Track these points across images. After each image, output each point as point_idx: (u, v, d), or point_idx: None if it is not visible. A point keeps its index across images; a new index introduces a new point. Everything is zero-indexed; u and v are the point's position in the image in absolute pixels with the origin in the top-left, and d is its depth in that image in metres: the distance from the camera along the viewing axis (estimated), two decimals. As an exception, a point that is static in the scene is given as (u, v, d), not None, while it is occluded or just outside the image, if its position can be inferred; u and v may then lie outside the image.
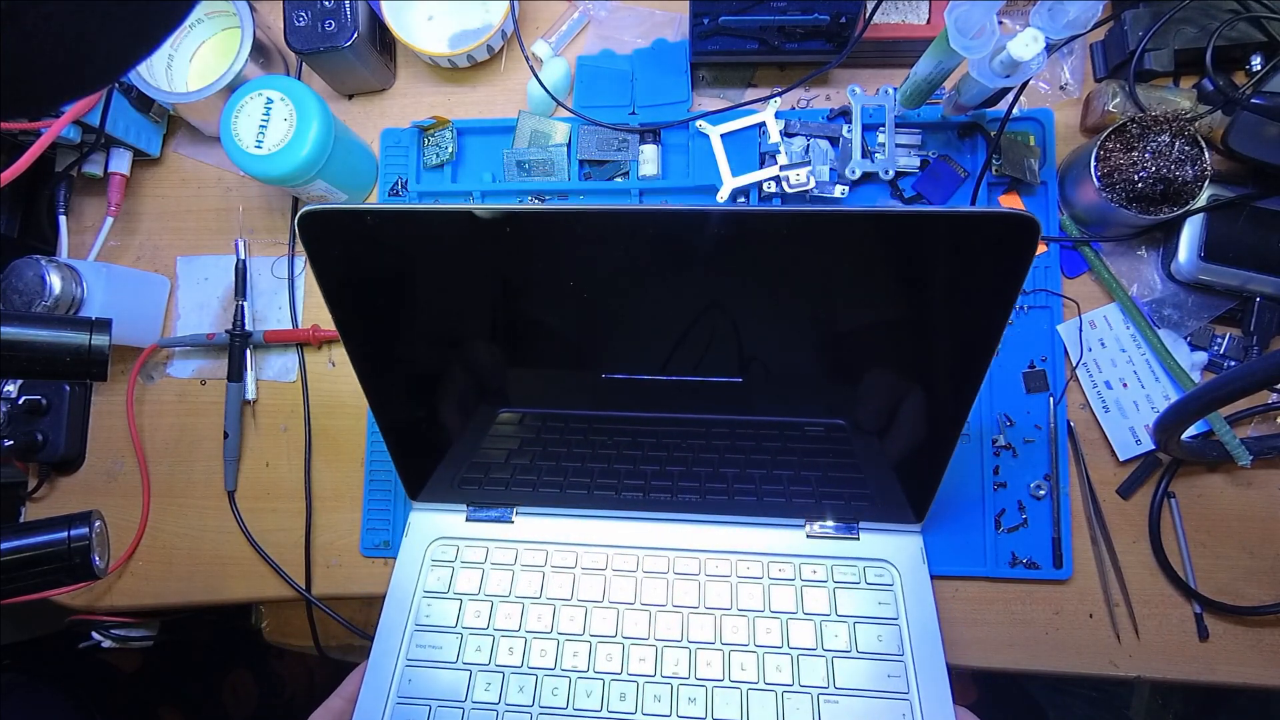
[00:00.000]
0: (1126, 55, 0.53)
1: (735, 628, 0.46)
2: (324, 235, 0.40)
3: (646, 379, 0.45)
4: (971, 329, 0.39)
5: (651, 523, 0.52)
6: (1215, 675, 0.51)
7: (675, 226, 0.37)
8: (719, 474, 0.50)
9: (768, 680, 0.44)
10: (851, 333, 0.42)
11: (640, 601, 0.48)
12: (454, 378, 0.47)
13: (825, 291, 0.40)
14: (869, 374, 0.43)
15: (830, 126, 0.57)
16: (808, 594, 0.48)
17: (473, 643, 0.47)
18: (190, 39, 0.60)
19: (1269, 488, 0.53)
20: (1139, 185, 0.49)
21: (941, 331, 0.41)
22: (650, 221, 0.37)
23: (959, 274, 0.38)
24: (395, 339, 0.45)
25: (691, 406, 0.47)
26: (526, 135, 0.59)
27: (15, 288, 0.52)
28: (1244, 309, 0.52)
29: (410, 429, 0.49)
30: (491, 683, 0.45)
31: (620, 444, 0.49)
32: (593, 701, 0.44)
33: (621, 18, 0.61)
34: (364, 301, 0.43)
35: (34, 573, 0.42)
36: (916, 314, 0.40)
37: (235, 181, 0.63)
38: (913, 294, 0.40)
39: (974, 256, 0.37)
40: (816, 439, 0.48)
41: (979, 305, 0.38)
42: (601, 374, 0.44)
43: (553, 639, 0.47)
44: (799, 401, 0.46)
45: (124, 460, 0.60)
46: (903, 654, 0.45)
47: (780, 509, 0.50)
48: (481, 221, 0.38)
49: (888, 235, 0.37)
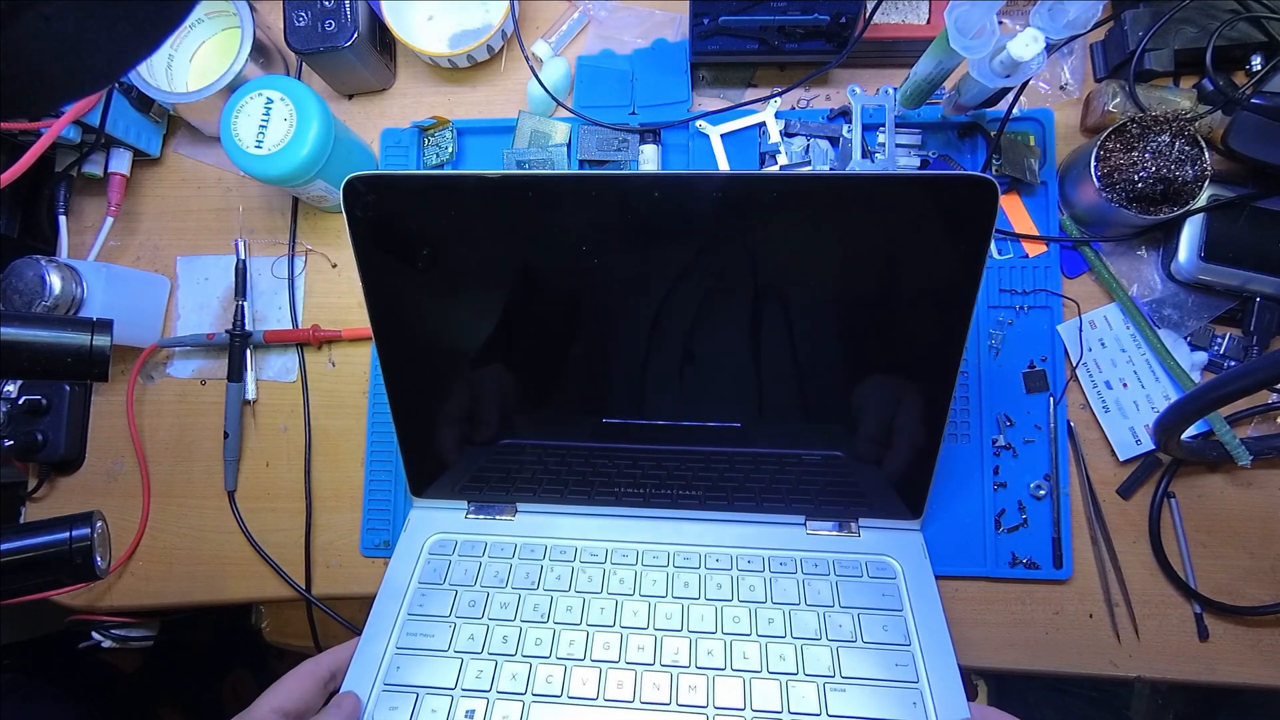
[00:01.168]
0: (1126, 55, 0.53)
1: (737, 617, 0.46)
2: (368, 201, 0.42)
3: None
4: (944, 298, 0.42)
5: (652, 520, 0.52)
6: (1215, 675, 0.51)
7: (657, 189, 0.41)
8: (719, 485, 0.50)
9: (771, 669, 0.43)
10: (830, 316, 0.44)
11: (639, 593, 0.47)
12: (478, 369, 0.48)
13: (800, 271, 0.42)
14: (852, 363, 0.45)
15: (830, 126, 0.57)
16: (810, 586, 0.47)
17: (465, 631, 0.46)
18: (190, 39, 0.60)
19: (1269, 488, 0.53)
20: (1139, 185, 0.49)
21: (915, 303, 0.43)
22: (632, 186, 0.41)
23: (926, 239, 0.40)
24: (424, 318, 0.47)
25: (691, 415, 0.48)
26: (526, 135, 0.59)
27: (15, 288, 0.52)
28: (1244, 309, 0.52)
29: (424, 420, 0.50)
30: (483, 670, 0.44)
31: (621, 465, 0.50)
32: (589, 689, 0.43)
33: (621, 18, 0.61)
34: (397, 274, 0.45)
35: (35, 573, 0.42)
36: (889, 288, 0.43)
37: (235, 181, 0.63)
38: (883, 264, 0.42)
39: (939, 221, 0.39)
40: (812, 441, 0.48)
41: (949, 272, 0.41)
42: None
43: (549, 628, 0.46)
44: (790, 401, 0.47)
45: (124, 460, 0.60)
46: (909, 643, 0.44)
47: (780, 507, 0.51)
48: (524, 187, 0.41)
49: (850, 201, 0.40)
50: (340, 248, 0.61)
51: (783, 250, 0.42)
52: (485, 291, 0.46)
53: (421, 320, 0.47)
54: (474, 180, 0.42)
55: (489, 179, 0.41)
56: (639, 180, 0.41)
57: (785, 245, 0.42)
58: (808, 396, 0.47)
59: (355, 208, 0.43)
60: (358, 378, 0.59)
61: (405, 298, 0.46)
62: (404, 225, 0.44)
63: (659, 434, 0.49)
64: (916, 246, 0.41)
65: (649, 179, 0.42)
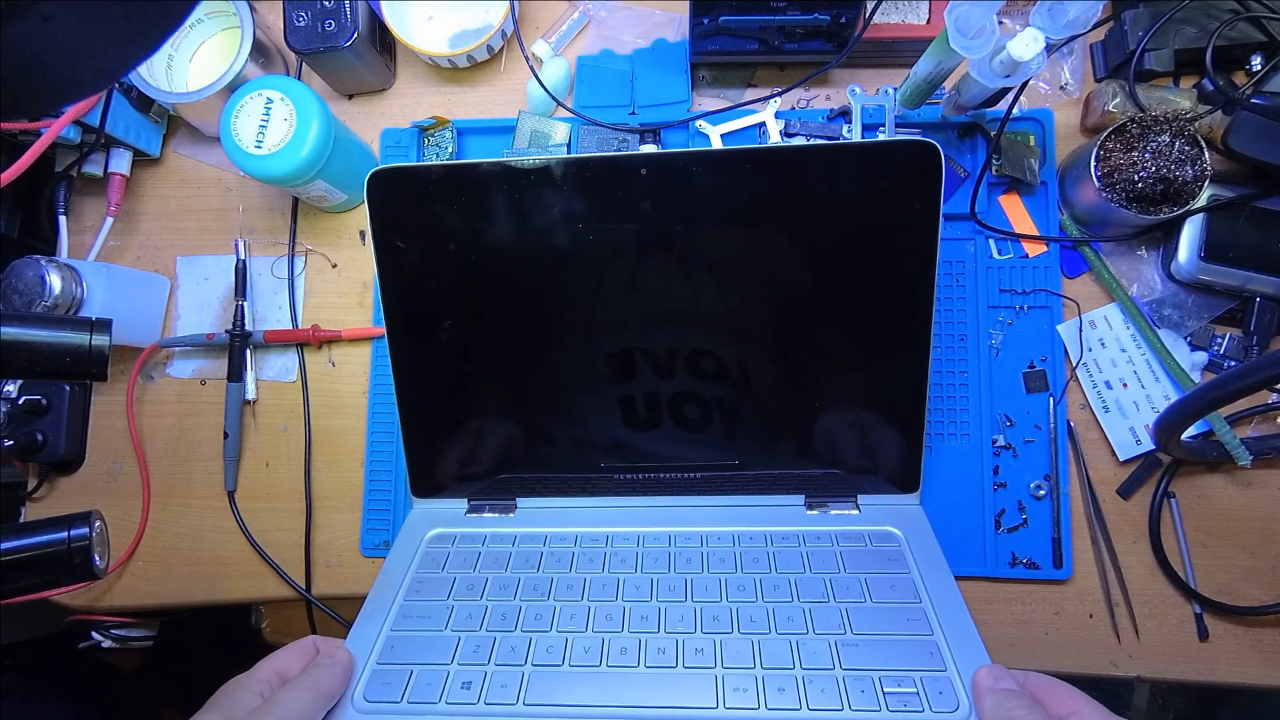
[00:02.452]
0: (1126, 55, 0.53)
1: (742, 586, 0.45)
2: (390, 193, 0.45)
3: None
4: (907, 262, 0.45)
5: (652, 508, 0.52)
6: (1215, 675, 0.51)
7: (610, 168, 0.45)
8: (716, 464, 0.51)
9: (780, 630, 0.42)
10: (797, 288, 0.47)
11: (642, 570, 0.47)
12: (489, 367, 0.50)
13: (767, 247, 0.46)
14: (827, 336, 0.48)
15: (830, 126, 0.57)
16: (814, 555, 0.46)
17: (463, 610, 0.45)
18: (190, 39, 0.60)
19: (1269, 488, 0.53)
20: (1139, 185, 0.49)
21: (879, 269, 0.46)
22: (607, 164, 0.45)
23: (881, 205, 0.44)
24: (439, 314, 0.48)
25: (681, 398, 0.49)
26: (526, 135, 0.59)
27: (15, 288, 0.52)
28: (1244, 309, 0.52)
29: (431, 419, 0.50)
30: (481, 644, 0.42)
31: (611, 424, 0.51)
32: (591, 657, 0.41)
33: (621, 18, 0.61)
34: (414, 268, 0.47)
35: (34, 573, 0.42)
36: (854, 257, 0.46)
37: (235, 181, 0.63)
38: (844, 233, 0.46)
39: (889, 186, 0.43)
40: (802, 416, 0.49)
41: (907, 236, 0.44)
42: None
43: (549, 604, 0.44)
44: (773, 377, 0.49)
45: (124, 460, 0.60)
46: (920, 600, 0.43)
47: (779, 488, 0.51)
48: (545, 174, 0.44)
49: (799, 172, 0.44)
50: (340, 248, 0.61)
51: (745, 225, 0.46)
52: (503, 286, 0.47)
53: (436, 316, 0.49)
54: (497, 169, 0.44)
55: (510, 168, 0.44)
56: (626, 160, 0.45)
57: (745, 219, 0.46)
58: (788, 371, 0.48)
59: (375, 200, 0.45)
60: (358, 378, 0.59)
61: (422, 293, 0.48)
62: (426, 219, 0.46)
63: (659, 418, 0.50)
64: (873, 211, 0.45)
65: (641, 159, 0.45)
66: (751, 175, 0.45)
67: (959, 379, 0.54)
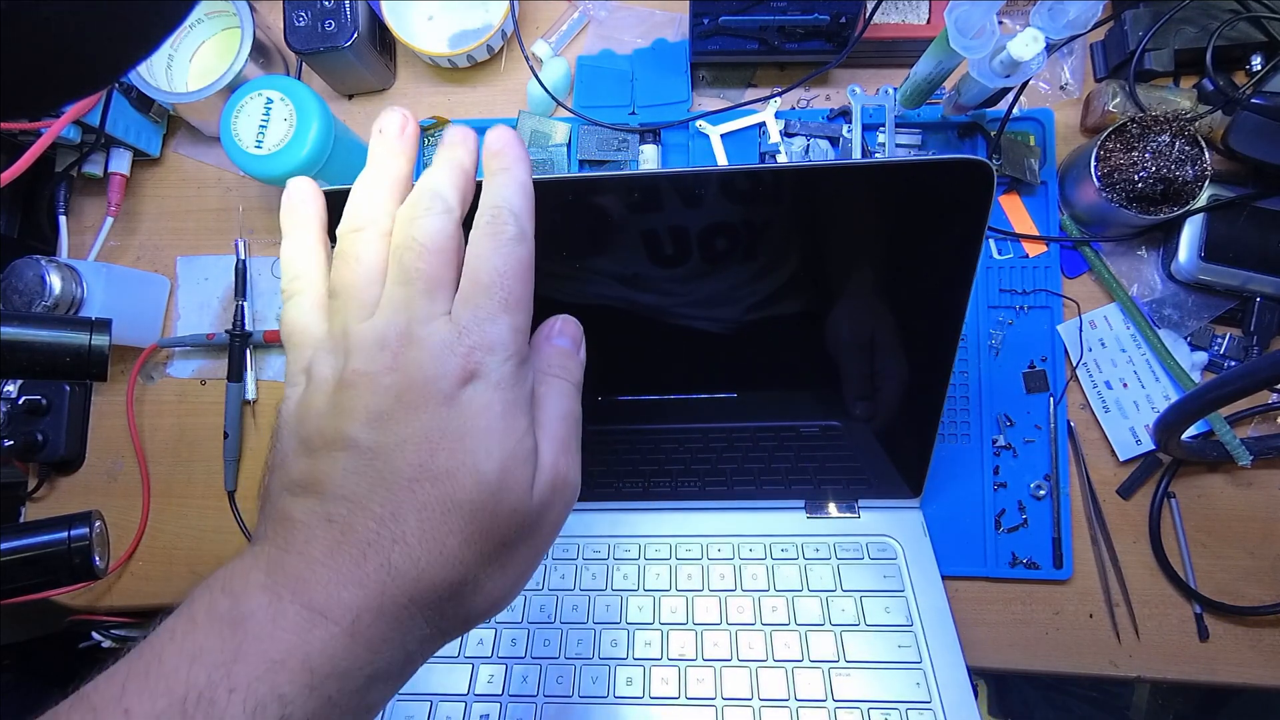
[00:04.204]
0: (1126, 55, 0.53)
1: (741, 608, 0.46)
2: None
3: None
4: (944, 281, 0.41)
5: (654, 513, 0.52)
6: (1215, 675, 0.51)
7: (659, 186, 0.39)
8: (718, 468, 0.50)
9: (776, 658, 0.44)
10: (832, 297, 0.43)
11: (644, 588, 0.48)
12: None
13: (801, 256, 0.42)
14: (853, 340, 0.45)
15: (830, 126, 0.57)
16: (812, 570, 0.47)
17: (474, 636, 0.46)
18: (190, 39, 0.60)
19: (1269, 488, 0.53)
20: (1139, 185, 0.49)
21: (916, 286, 0.42)
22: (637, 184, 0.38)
23: (927, 222, 0.39)
24: None
25: (692, 388, 0.47)
26: (526, 135, 0.59)
27: (15, 288, 0.52)
28: (1244, 309, 0.52)
29: None
30: (495, 675, 0.45)
31: (619, 450, 0.50)
32: (599, 687, 0.44)
33: (621, 18, 0.61)
34: None
35: (34, 573, 0.42)
36: (889, 271, 0.42)
37: (235, 181, 0.63)
38: (884, 249, 0.41)
39: (938, 204, 0.38)
40: (810, 415, 0.48)
41: (948, 255, 0.40)
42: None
43: (556, 629, 0.46)
44: (789, 379, 0.47)
45: (124, 460, 0.60)
46: (911, 624, 0.45)
47: (780, 491, 0.51)
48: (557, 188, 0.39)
49: (850, 189, 0.39)
50: (340, 248, 0.61)
51: (784, 241, 0.42)
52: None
53: None
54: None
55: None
56: (649, 179, 0.40)
57: (784, 237, 0.42)
58: (807, 367, 0.47)
59: None
60: (358, 378, 0.59)
61: None
62: None
63: (661, 410, 0.48)
64: (917, 230, 0.41)
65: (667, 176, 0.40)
66: (798, 190, 0.40)
67: (959, 379, 0.54)
